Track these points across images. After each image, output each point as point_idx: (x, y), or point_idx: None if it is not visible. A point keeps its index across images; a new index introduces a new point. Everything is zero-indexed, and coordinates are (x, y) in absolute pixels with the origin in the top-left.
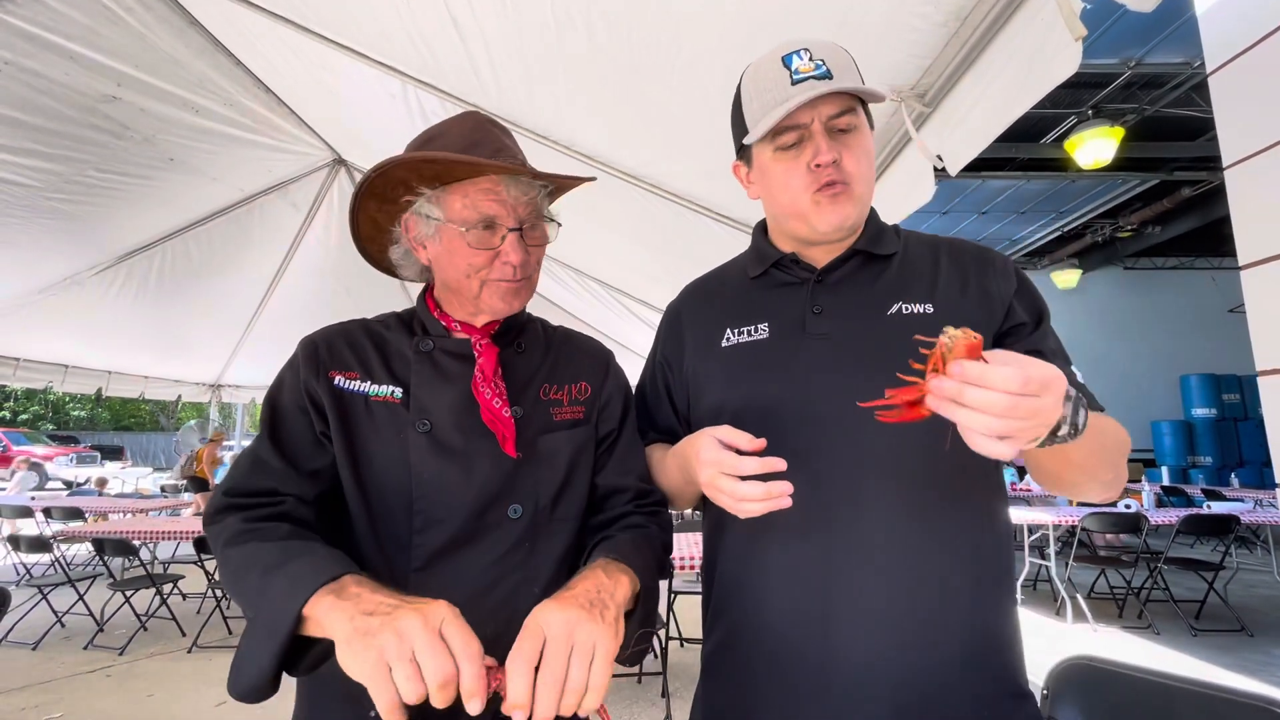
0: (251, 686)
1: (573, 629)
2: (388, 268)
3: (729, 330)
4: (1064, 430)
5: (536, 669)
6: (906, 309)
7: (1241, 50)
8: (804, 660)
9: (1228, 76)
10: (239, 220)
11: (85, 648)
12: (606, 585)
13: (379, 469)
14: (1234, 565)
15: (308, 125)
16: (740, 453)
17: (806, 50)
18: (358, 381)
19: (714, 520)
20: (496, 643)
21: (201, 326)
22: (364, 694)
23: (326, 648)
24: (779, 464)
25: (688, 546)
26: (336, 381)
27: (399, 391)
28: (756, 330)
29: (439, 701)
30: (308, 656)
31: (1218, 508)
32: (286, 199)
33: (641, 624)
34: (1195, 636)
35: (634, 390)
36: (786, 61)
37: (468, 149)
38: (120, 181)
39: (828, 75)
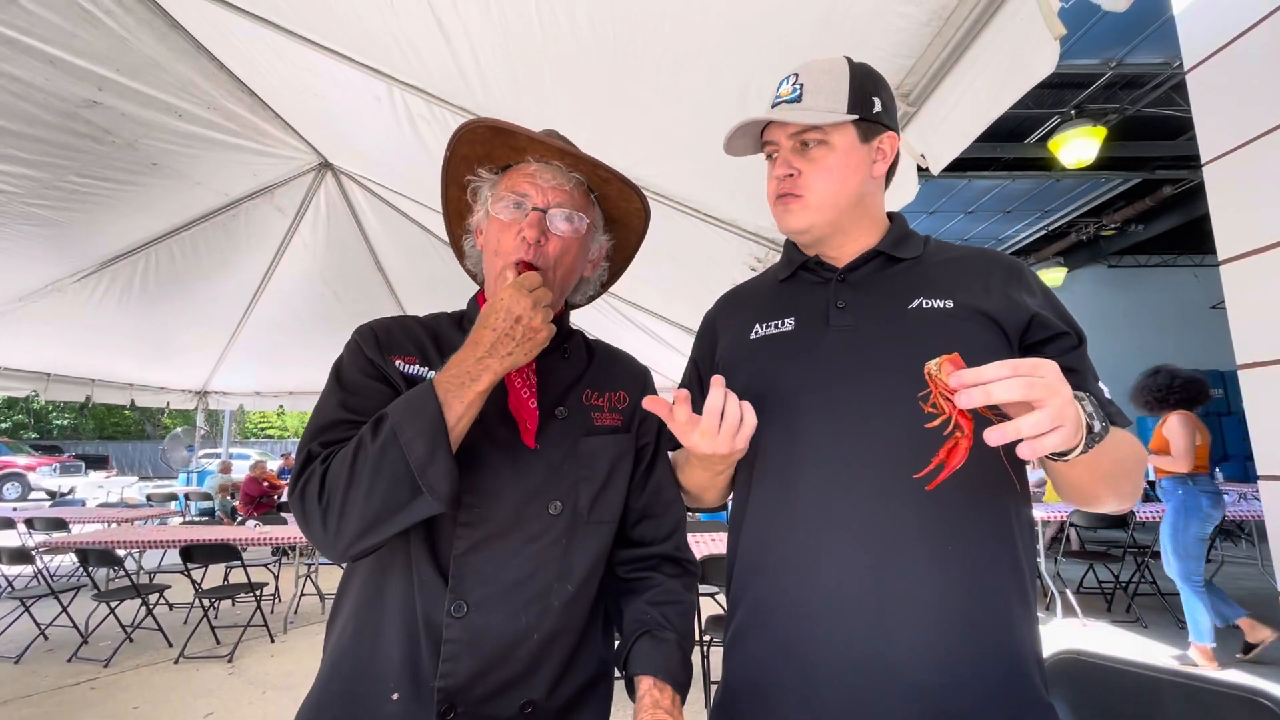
0: (449, 491)
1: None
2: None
3: (758, 325)
4: (1097, 426)
5: None
6: (927, 304)
7: (1218, 47)
8: (817, 643)
9: (1205, 73)
10: (224, 225)
11: (69, 660)
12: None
13: None
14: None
15: (292, 128)
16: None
17: (795, 75)
18: (416, 365)
19: (737, 505)
20: (530, 635)
21: (187, 332)
22: (389, 673)
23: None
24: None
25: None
26: (398, 364)
27: None
28: (783, 324)
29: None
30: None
31: None
32: (272, 203)
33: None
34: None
35: None
36: (779, 85)
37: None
38: (102, 187)
39: (798, 100)
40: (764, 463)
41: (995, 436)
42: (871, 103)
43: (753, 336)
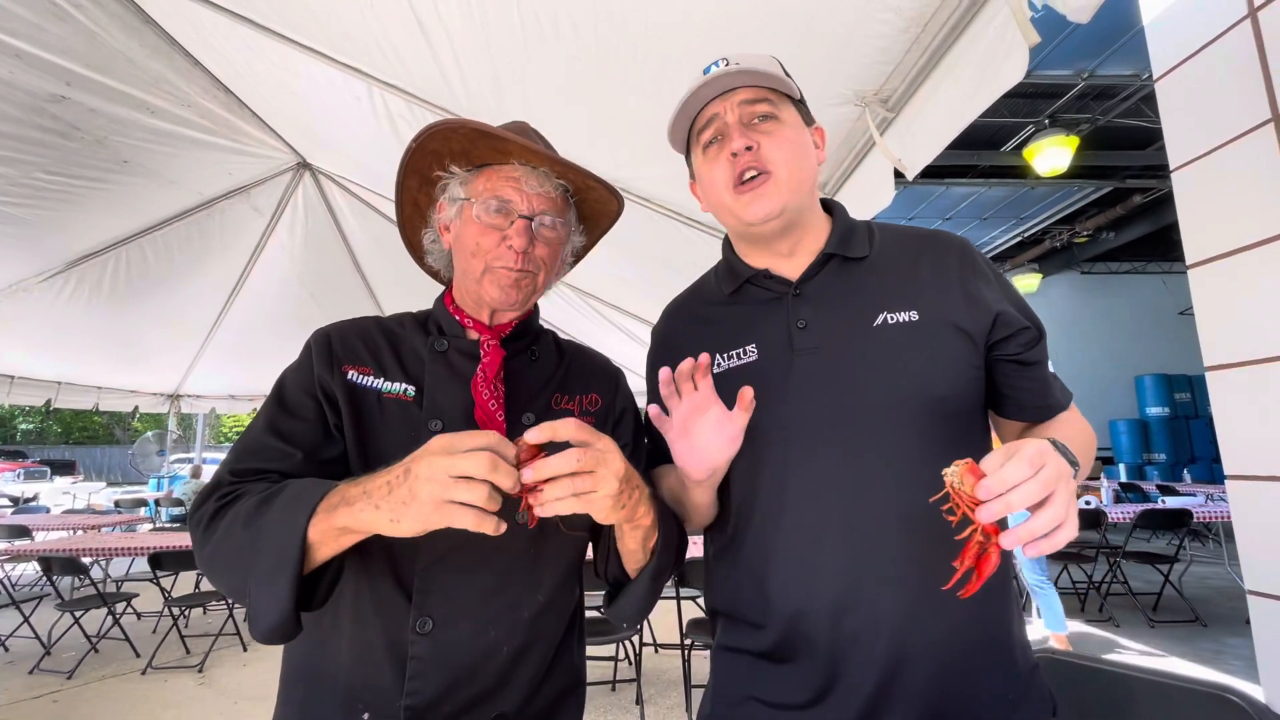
0: (273, 625)
1: (601, 451)
2: (419, 254)
3: (718, 356)
4: (1075, 475)
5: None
6: (892, 319)
7: (1186, 57)
8: (824, 681)
9: (1174, 82)
10: (198, 225)
11: (30, 672)
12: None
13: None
14: (1187, 558)
15: (270, 128)
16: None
17: (725, 59)
18: (370, 377)
19: (723, 543)
20: (500, 651)
21: (159, 334)
22: (356, 692)
23: (333, 576)
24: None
25: None
26: (350, 376)
27: (411, 390)
28: (745, 353)
29: (507, 484)
30: (320, 589)
31: (1172, 503)
32: (249, 203)
33: (652, 579)
34: (1153, 628)
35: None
36: (706, 70)
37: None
38: (70, 184)
39: (741, 68)
40: (751, 502)
41: (1010, 540)
42: (799, 91)
43: (715, 370)
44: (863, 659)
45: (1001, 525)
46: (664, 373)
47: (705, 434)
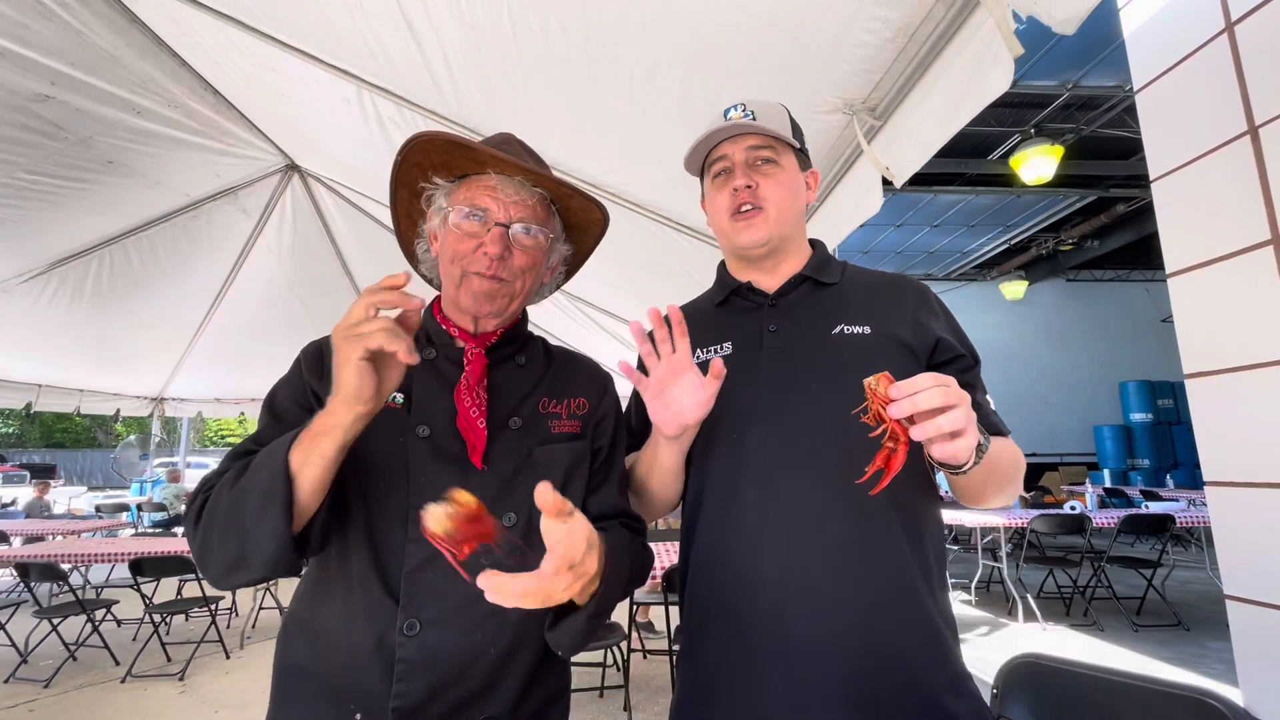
0: (273, 553)
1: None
2: (416, 263)
3: (698, 349)
4: (983, 440)
5: None
6: (848, 330)
7: (1166, 69)
8: (766, 642)
9: (1154, 94)
10: (184, 226)
11: (6, 681)
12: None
13: (377, 471)
14: (1170, 562)
15: (258, 129)
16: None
17: (743, 104)
18: None
19: (688, 517)
20: (487, 653)
21: (143, 337)
22: (345, 693)
23: (323, 521)
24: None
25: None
26: None
27: (400, 397)
28: (722, 347)
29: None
30: (313, 534)
31: (1155, 508)
32: (236, 205)
33: (590, 619)
34: (1137, 632)
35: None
36: (726, 114)
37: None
38: (54, 184)
39: (754, 120)
40: (711, 474)
41: (919, 432)
42: (803, 139)
43: (697, 360)
44: (801, 632)
45: (908, 428)
46: (635, 325)
47: (681, 393)
